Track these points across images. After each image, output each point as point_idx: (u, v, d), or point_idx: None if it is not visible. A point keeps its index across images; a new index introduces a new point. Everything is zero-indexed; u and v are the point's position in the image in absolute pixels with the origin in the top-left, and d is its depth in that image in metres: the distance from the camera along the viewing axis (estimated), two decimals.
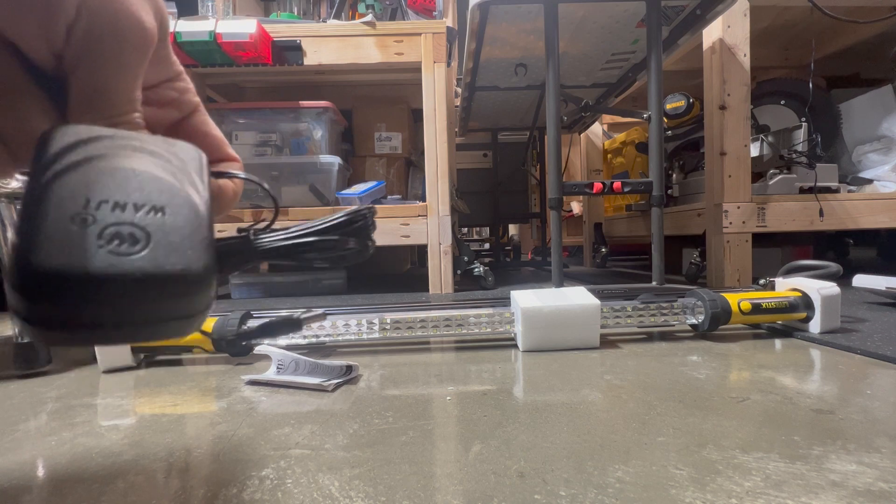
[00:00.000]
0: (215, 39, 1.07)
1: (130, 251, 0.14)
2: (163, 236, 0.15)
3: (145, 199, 0.15)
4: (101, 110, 0.17)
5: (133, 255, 0.14)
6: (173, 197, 0.16)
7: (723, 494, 0.25)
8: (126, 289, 0.14)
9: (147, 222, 0.15)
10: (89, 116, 0.17)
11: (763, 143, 1.18)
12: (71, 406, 0.43)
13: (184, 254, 0.15)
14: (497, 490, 0.26)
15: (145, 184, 0.16)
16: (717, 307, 0.58)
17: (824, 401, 0.38)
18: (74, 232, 0.14)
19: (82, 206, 0.14)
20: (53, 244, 0.13)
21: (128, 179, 0.15)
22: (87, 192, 0.15)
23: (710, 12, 0.98)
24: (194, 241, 0.16)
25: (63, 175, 0.15)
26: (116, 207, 0.15)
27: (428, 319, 0.59)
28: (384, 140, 1.50)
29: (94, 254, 0.14)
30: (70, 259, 0.13)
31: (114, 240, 0.14)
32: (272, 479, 0.28)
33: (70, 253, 0.13)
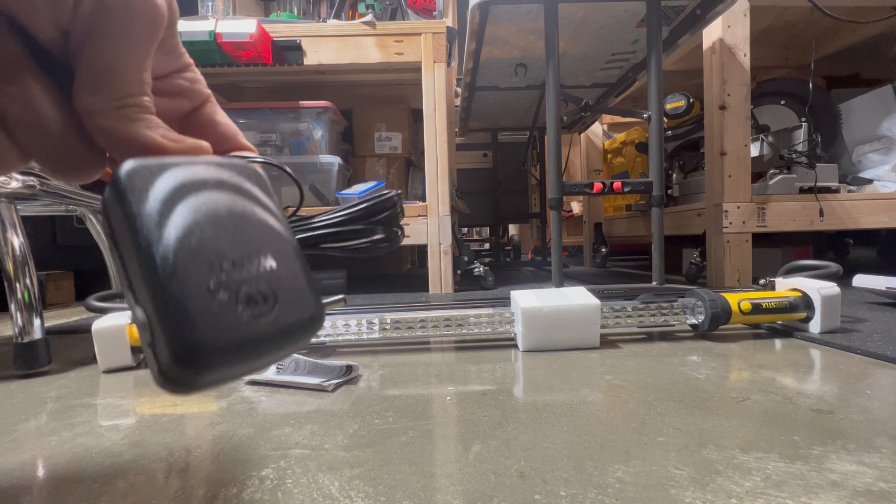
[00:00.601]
0: (215, 39, 1.07)
1: (265, 310, 0.15)
2: (283, 287, 0.16)
3: (252, 249, 0.16)
4: (109, 90, 0.16)
5: (271, 315, 0.16)
6: (272, 239, 0.17)
7: (723, 494, 0.25)
8: (273, 343, 0.16)
9: (266, 277, 0.16)
10: (96, 98, 0.16)
11: (763, 143, 1.18)
12: (71, 406, 0.43)
13: (305, 300, 0.17)
14: (497, 490, 0.26)
15: (246, 230, 0.16)
16: (717, 307, 0.58)
17: (824, 401, 0.38)
18: (219, 304, 0.14)
19: (211, 272, 0.15)
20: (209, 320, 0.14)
21: (229, 228, 0.16)
22: (205, 253, 0.15)
23: (710, 12, 0.98)
24: (305, 284, 0.17)
25: (172, 237, 0.14)
26: (236, 266, 0.15)
27: (428, 319, 0.59)
28: (384, 140, 1.50)
29: (243, 322, 0.15)
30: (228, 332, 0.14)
31: (251, 303, 0.15)
32: (272, 479, 0.28)
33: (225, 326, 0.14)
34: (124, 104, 0.17)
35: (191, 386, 0.14)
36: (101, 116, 0.16)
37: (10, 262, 0.54)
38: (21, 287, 0.55)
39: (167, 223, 0.15)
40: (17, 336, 0.54)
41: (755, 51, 1.10)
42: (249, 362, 0.15)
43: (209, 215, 0.15)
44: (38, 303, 0.55)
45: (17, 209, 0.57)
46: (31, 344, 0.54)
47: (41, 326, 0.55)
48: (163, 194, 0.15)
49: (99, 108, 0.16)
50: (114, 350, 0.54)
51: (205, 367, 0.14)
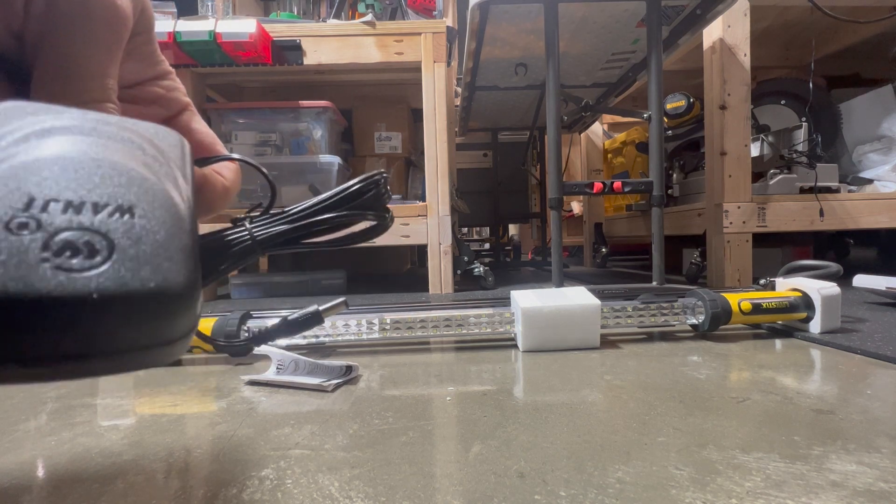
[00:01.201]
0: (215, 39, 1.07)
1: (86, 265, 0.11)
2: (130, 244, 0.12)
3: (109, 197, 0.12)
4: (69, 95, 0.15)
5: (90, 271, 0.11)
6: (146, 193, 0.13)
7: (723, 495, 0.25)
8: (82, 314, 0.11)
9: (110, 227, 0.12)
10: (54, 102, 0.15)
11: (763, 142, 1.18)
12: (71, 406, 0.43)
13: (158, 266, 0.12)
14: (497, 490, 0.26)
15: (109, 177, 0.13)
16: (718, 307, 0.58)
17: (824, 401, 0.38)
18: (12, 242, 0.11)
19: (23, 206, 0.11)
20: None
21: (86, 171, 0.12)
22: (31, 187, 0.12)
23: (711, 12, 0.98)
24: (171, 249, 0.13)
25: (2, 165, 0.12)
26: (69, 208, 0.12)
27: (428, 319, 0.58)
28: (384, 140, 1.50)
29: (36, 271, 0.11)
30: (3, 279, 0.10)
31: (64, 251, 0.11)
32: (272, 480, 0.28)
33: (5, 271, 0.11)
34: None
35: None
36: None
37: None
38: None
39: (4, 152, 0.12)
40: None
41: (755, 50, 1.10)
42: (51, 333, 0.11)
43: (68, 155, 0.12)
44: None
45: None
46: None
47: None
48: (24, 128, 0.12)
49: None
50: None
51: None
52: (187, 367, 0.56)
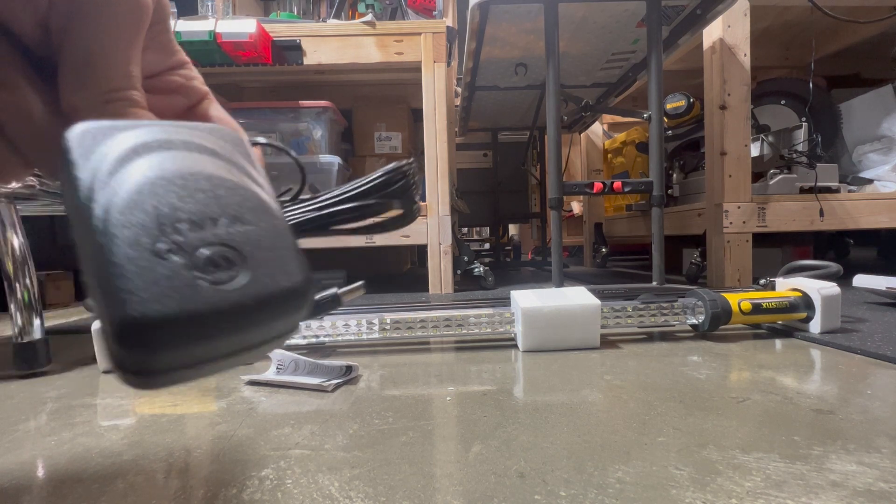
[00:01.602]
0: (215, 39, 1.07)
1: (230, 276, 0.13)
2: (255, 251, 0.13)
3: (219, 209, 0.13)
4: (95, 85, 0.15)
5: (236, 282, 0.13)
6: (244, 199, 0.14)
7: (723, 495, 0.25)
8: (237, 319, 0.13)
9: (233, 238, 0.13)
10: (82, 94, 0.15)
11: (763, 142, 1.18)
12: (71, 406, 0.43)
13: (285, 267, 0.14)
14: (497, 490, 0.26)
15: (208, 189, 0.13)
16: (718, 307, 0.58)
17: (824, 401, 0.38)
18: (168, 267, 0.12)
19: (158, 232, 0.12)
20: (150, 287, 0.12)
21: (190, 187, 0.13)
22: (156, 212, 0.12)
23: (711, 12, 0.98)
24: (287, 249, 0.14)
25: (117, 196, 0.12)
26: (194, 226, 0.13)
27: (428, 319, 0.58)
28: (384, 140, 1.50)
29: (197, 289, 0.12)
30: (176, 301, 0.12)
31: (209, 266, 0.13)
32: (272, 480, 0.28)
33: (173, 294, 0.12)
34: (111, 98, 0.16)
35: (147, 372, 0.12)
36: (88, 112, 0.15)
37: (9, 262, 0.54)
38: (21, 287, 0.54)
39: (111, 181, 0.12)
40: (16, 336, 0.54)
41: (755, 50, 1.10)
42: (216, 341, 0.13)
43: (168, 172, 0.13)
44: (38, 303, 0.55)
45: (16, 209, 0.57)
46: (30, 344, 0.54)
47: (41, 326, 0.55)
48: (112, 152, 0.13)
49: (85, 104, 0.15)
50: None
51: (154, 346, 0.12)
52: None
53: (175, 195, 0.13)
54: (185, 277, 0.12)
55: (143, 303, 0.11)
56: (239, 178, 0.14)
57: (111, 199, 0.12)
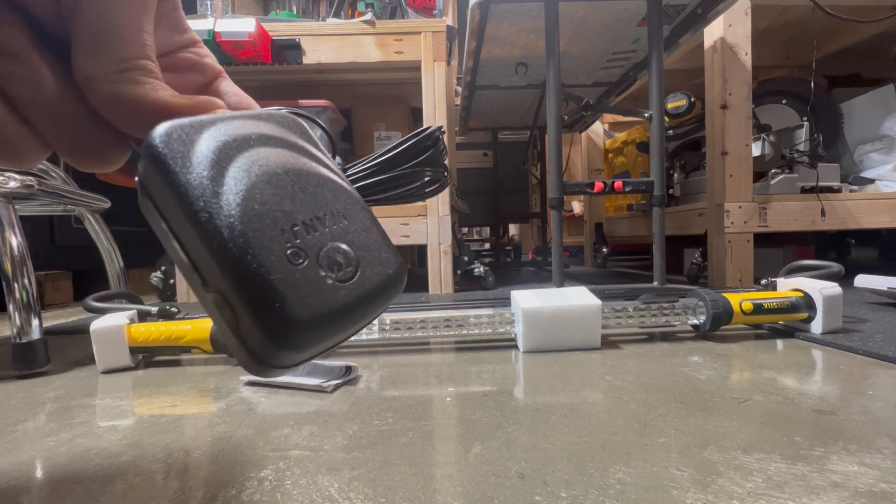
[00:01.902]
0: (214, 38, 1.06)
1: (349, 274, 0.14)
2: (361, 245, 0.15)
3: (321, 207, 0.14)
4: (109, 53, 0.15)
5: (356, 278, 0.14)
6: (335, 193, 0.15)
7: (724, 496, 0.25)
8: (363, 308, 0.15)
9: (341, 235, 0.15)
10: (96, 62, 0.15)
11: (765, 142, 1.18)
12: (69, 407, 0.43)
13: (385, 256, 0.16)
14: (497, 491, 0.26)
15: (307, 186, 0.14)
16: (719, 307, 0.58)
17: (826, 401, 0.38)
18: (304, 273, 0.13)
19: (286, 239, 0.13)
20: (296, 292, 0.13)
21: (289, 187, 0.14)
22: (277, 218, 0.13)
23: (712, 11, 0.97)
24: (379, 237, 0.16)
25: (231, 204, 0.13)
26: (309, 228, 0.14)
27: (428, 320, 0.58)
28: (384, 139, 1.50)
29: (331, 290, 0.13)
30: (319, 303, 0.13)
31: (333, 266, 0.14)
32: (271, 481, 0.28)
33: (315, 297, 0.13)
34: (126, 67, 0.15)
35: (287, 364, 0.13)
36: (103, 82, 0.15)
37: (8, 262, 0.54)
38: (19, 287, 0.54)
39: (223, 189, 0.13)
40: (15, 336, 0.54)
41: (756, 50, 1.10)
42: (343, 331, 0.14)
43: (265, 174, 0.14)
44: (37, 303, 0.55)
45: (15, 209, 0.57)
46: (29, 344, 0.54)
47: (39, 327, 0.55)
48: (209, 156, 0.13)
49: (99, 72, 0.15)
50: (112, 350, 0.54)
51: (302, 344, 0.13)
52: (186, 368, 0.56)
53: (282, 197, 0.14)
54: (320, 280, 0.13)
55: (294, 308, 0.13)
56: (318, 170, 0.15)
57: (230, 210, 0.13)
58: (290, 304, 0.13)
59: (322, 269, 0.14)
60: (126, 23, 0.16)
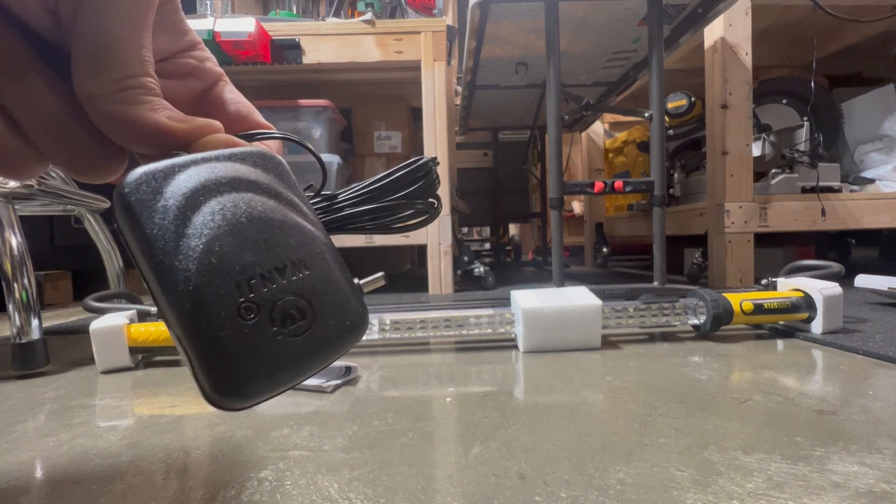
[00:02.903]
0: (214, 38, 1.06)
1: (303, 327, 0.14)
2: (320, 296, 0.15)
3: (282, 258, 0.14)
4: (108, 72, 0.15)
5: (309, 331, 0.14)
6: (299, 240, 0.15)
7: (724, 496, 0.24)
8: (315, 360, 0.15)
9: (299, 286, 0.14)
10: (96, 81, 0.15)
11: (765, 142, 1.18)
12: (69, 407, 0.43)
13: (345, 306, 0.15)
14: (497, 492, 0.26)
15: (270, 235, 0.14)
16: (719, 307, 0.58)
17: (826, 401, 0.38)
18: (254, 329, 0.13)
19: (240, 293, 0.13)
20: (244, 350, 0.13)
21: (252, 236, 0.14)
22: (230, 270, 0.13)
23: (712, 11, 0.97)
24: (343, 285, 0.16)
25: (191, 257, 0.13)
26: (266, 281, 0.14)
27: (428, 320, 0.58)
28: (384, 139, 1.50)
29: (280, 346, 0.14)
30: (267, 362, 0.13)
31: (286, 321, 0.14)
32: (271, 481, 0.28)
33: (263, 355, 0.13)
34: (125, 86, 0.15)
35: (237, 408, 0.14)
36: (103, 101, 0.15)
37: (7, 262, 0.54)
38: (19, 287, 0.54)
39: (183, 241, 0.13)
40: (14, 336, 0.54)
41: (757, 49, 1.10)
42: (291, 381, 0.15)
43: (228, 224, 0.14)
44: (36, 303, 0.55)
45: (14, 209, 0.57)
46: (29, 344, 0.54)
47: (39, 327, 0.55)
48: (174, 206, 0.13)
49: (99, 91, 0.15)
50: (112, 351, 0.54)
51: (247, 395, 0.13)
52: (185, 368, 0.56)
53: (242, 249, 0.14)
54: (270, 336, 0.14)
55: (238, 365, 0.13)
56: (285, 216, 0.15)
57: (188, 262, 0.13)
58: (235, 360, 0.13)
59: (274, 324, 0.14)
60: (125, 39, 0.15)
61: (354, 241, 1.19)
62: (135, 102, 0.15)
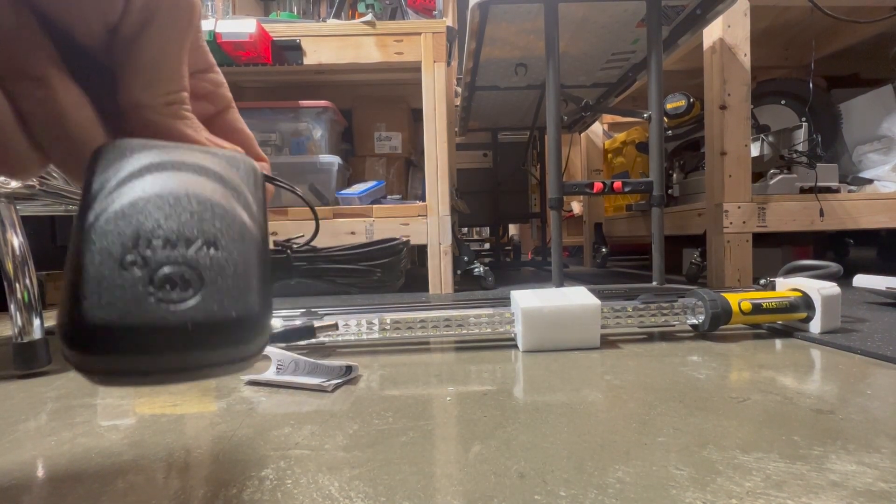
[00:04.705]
0: (215, 39, 1.07)
1: (182, 297, 0.13)
2: (216, 277, 0.14)
3: (197, 232, 0.14)
4: (160, 85, 0.16)
5: (185, 303, 0.13)
6: (227, 226, 0.15)
7: (723, 495, 0.25)
8: (176, 339, 0.13)
9: (199, 261, 0.14)
10: (149, 92, 0.16)
11: (763, 142, 1.18)
12: (70, 406, 0.43)
13: (239, 297, 0.14)
14: (497, 490, 0.26)
15: (197, 212, 0.14)
16: (718, 307, 0.58)
17: (824, 401, 0.38)
18: (125, 279, 0.13)
19: (132, 245, 0.13)
20: (103, 294, 0.12)
21: (178, 207, 0.14)
22: (138, 226, 0.13)
23: (711, 12, 0.98)
24: (249, 280, 0.15)
25: (111, 207, 0.13)
26: (167, 244, 0.13)
27: (428, 319, 0.58)
28: (384, 140, 1.50)
29: (144, 305, 0.13)
30: (119, 312, 0.13)
31: (165, 285, 0.13)
32: (272, 480, 0.28)
33: (119, 305, 0.13)
34: (172, 100, 0.17)
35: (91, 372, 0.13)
36: (152, 112, 0.16)
37: (9, 262, 0.54)
38: (21, 287, 0.54)
39: (112, 194, 0.14)
40: (16, 336, 0.54)
41: (755, 50, 1.10)
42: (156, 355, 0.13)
43: (163, 193, 0.14)
44: (38, 303, 0.55)
45: (16, 209, 0.57)
46: (30, 344, 0.54)
47: (41, 326, 0.55)
48: (126, 168, 0.14)
49: (150, 102, 0.16)
50: None
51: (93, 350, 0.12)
52: None
53: (162, 213, 0.14)
54: (137, 292, 0.13)
55: (90, 308, 0.12)
56: (232, 206, 0.15)
57: (104, 209, 0.13)
58: (88, 302, 0.12)
59: (152, 285, 0.13)
60: (177, 55, 0.17)
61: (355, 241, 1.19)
62: (178, 117, 0.17)
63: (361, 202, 1.22)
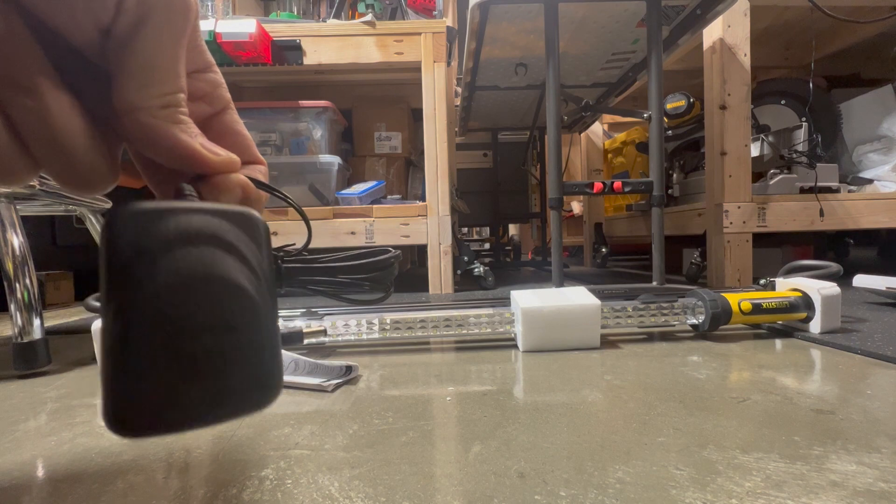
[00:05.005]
0: (215, 39, 1.07)
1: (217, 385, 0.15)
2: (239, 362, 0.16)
3: (219, 319, 0.15)
4: (155, 86, 0.16)
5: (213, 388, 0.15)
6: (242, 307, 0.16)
7: (723, 495, 0.25)
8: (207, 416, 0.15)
9: (224, 346, 0.15)
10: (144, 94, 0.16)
11: (763, 142, 1.18)
12: (71, 406, 0.43)
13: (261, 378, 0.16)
14: (497, 490, 0.26)
15: (214, 294, 0.15)
16: (718, 307, 0.58)
17: (825, 401, 0.38)
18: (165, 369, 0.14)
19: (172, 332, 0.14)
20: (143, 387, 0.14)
21: (204, 294, 0.15)
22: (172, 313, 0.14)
23: (711, 12, 0.98)
24: (265, 361, 0.17)
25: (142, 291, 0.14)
26: (192, 334, 0.15)
27: (428, 319, 0.58)
28: (384, 140, 1.50)
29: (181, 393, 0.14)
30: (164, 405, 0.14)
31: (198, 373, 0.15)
32: (272, 480, 0.28)
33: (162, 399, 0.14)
34: (168, 102, 0.16)
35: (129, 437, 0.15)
36: (146, 114, 0.16)
37: (9, 262, 0.54)
38: (21, 287, 0.54)
39: (138, 284, 0.14)
40: (16, 336, 0.54)
41: (755, 50, 1.11)
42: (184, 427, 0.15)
43: (184, 277, 0.15)
44: (38, 303, 0.55)
45: (16, 209, 0.57)
46: (30, 344, 0.54)
47: (41, 326, 0.55)
48: (146, 251, 0.14)
49: (145, 104, 0.16)
50: None
51: (133, 433, 0.14)
52: None
53: (191, 301, 0.15)
54: (177, 382, 0.14)
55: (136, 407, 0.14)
56: (238, 281, 0.16)
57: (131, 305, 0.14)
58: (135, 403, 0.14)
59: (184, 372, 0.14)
60: (173, 56, 0.16)
61: (355, 242, 1.19)
62: (173, 121, 0.16)
63: (361, 202, 1.22)
